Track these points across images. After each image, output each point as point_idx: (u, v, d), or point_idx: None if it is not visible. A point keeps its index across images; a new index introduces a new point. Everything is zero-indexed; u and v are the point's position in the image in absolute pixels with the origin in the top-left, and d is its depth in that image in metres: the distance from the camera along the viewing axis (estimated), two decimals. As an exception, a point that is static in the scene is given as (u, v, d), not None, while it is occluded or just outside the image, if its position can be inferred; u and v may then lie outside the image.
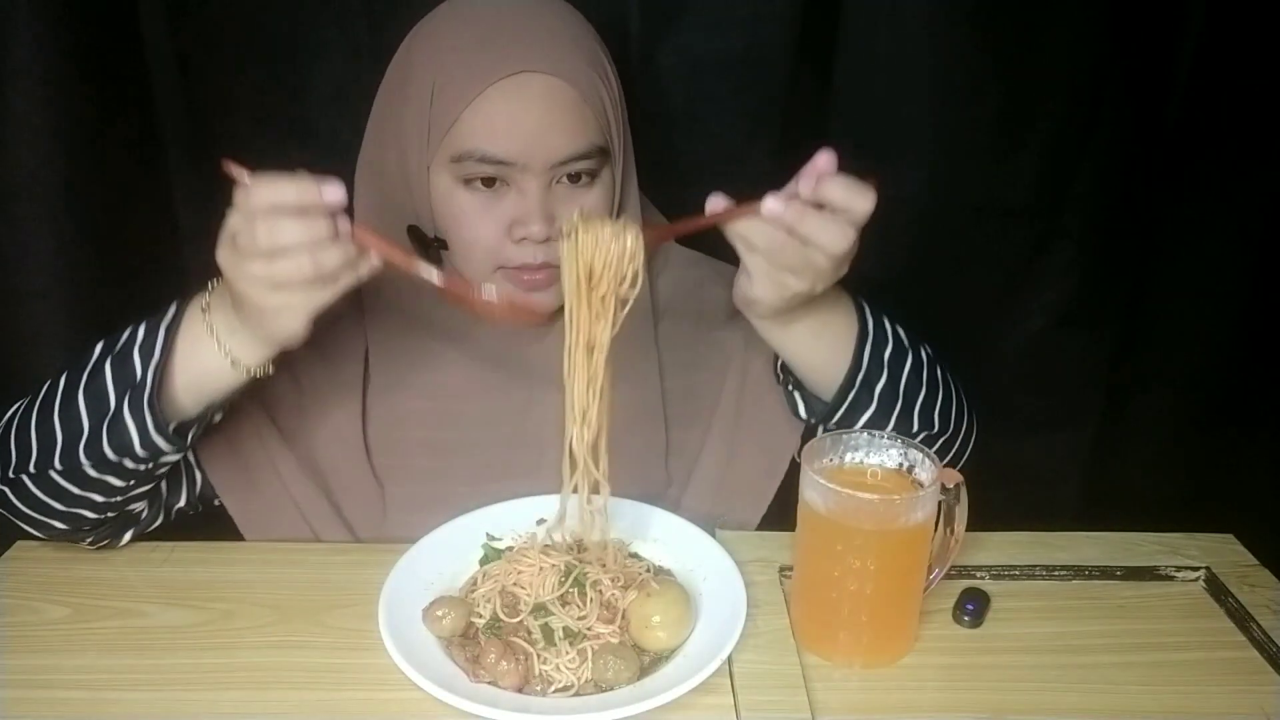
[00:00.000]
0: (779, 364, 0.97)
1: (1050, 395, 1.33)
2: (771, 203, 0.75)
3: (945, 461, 0.95)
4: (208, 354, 0.79)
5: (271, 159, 1.17)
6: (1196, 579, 0.90)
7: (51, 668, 0.78)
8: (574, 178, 0.89)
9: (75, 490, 0.84)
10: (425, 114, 0.88)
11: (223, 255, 0.74)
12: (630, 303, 0.78)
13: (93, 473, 0.82)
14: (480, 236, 0.89)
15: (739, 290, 0.83)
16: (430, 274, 0.77)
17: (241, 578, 0.88)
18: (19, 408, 0.87)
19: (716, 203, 0.78)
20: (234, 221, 0.73)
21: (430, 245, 0.91)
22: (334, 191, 0.71)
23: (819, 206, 0.76)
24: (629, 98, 0.95)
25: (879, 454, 0.82)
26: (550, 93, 0.86)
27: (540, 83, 0.85)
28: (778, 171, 1.21)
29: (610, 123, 0.90)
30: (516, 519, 0.90)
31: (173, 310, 0.82)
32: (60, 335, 1.11)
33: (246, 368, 0.80)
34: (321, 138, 1.16)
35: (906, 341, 0.92)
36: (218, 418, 0.89)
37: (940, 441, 0.95)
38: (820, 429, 0.94)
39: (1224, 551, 0.93)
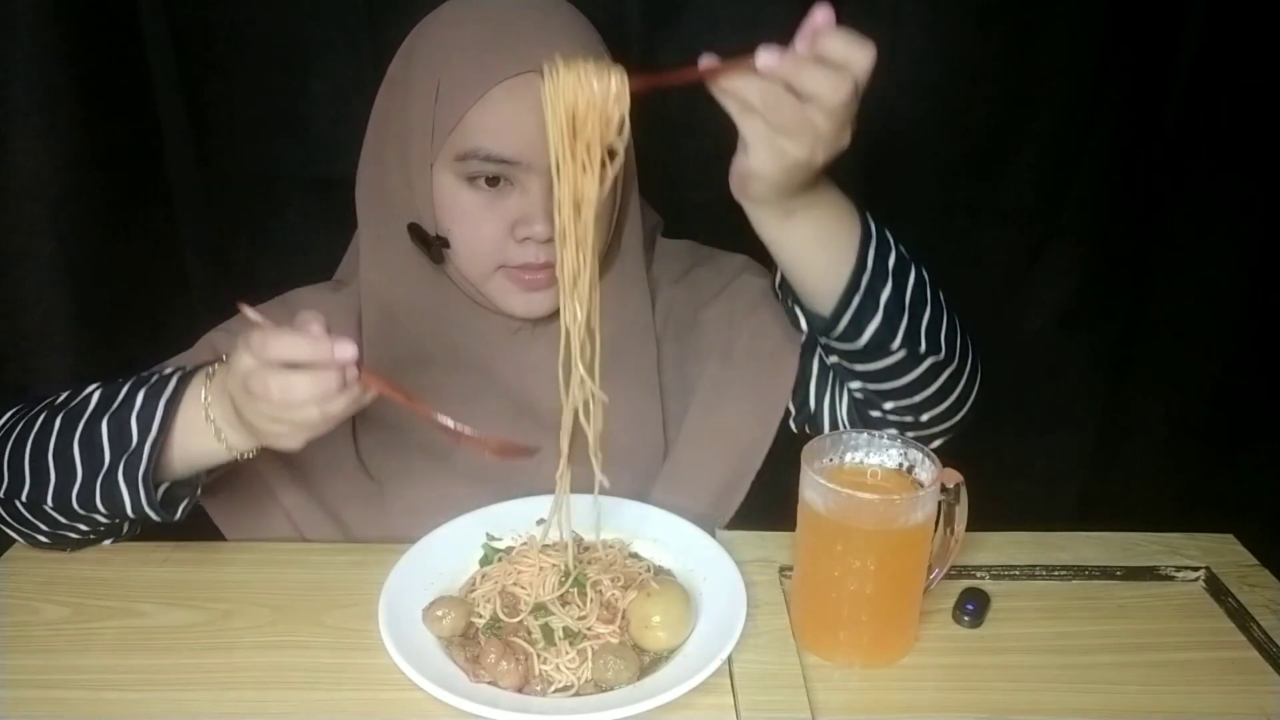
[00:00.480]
0: (778, 278, 0.95)
1: (1050, 395, 1.33)
2: (766, 55, 0.71)
3: (952, 402, 0.95)
4: (204, 438, 0.80)
5: (272, 159, 1.18)
6: (1196, 579, 0.90)
7: (51, 668, 0.78)
8: None
9: (64, 520, 0.85)
10: (429, 112, 0.88)
11: (233, 386, 0.74)
12: (620, 157, 0.73)
13: (83, 511, 0.84)
14: (483, 235, 0.89)
15: (736, 171, 0.79)
16: (442, 419, 0.77)
17: (241, 578, 0.88)
18: (9, 427, 0.87)
19: (710, 59, 0.73)
20: (245, 363, 0.72)
21: (432, 244, 0.92)
22: (345, 350, 0.71)
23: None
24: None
25: (879, 454, 0.82)
26: None
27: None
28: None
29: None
30: (516, 519, 0.90)
31: (172, 385, 0.81)
32: (60, 336, 1.11)
33: (241, 452, 0.80)
34: (321, 138, 1.16)
35: (908, 255, 0.89)
36: (208, 480, 0.88)
37: (947, 374, 0.92)
38: (825, 362, 0.92)
39: (1224, 551, 0.93)
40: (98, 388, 0.85)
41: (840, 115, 0.73)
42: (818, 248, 0.85)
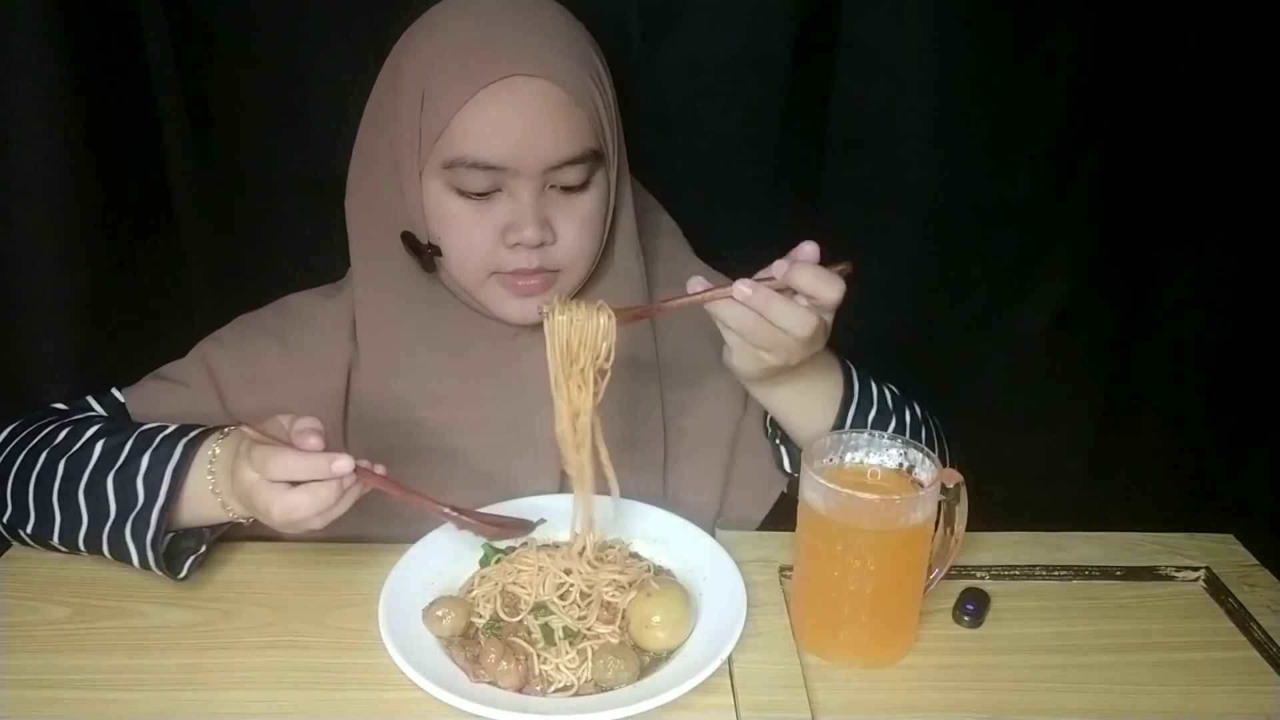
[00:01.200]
0: (768, 418, 0.98)
1: (1050, 395, 1.33)
2: (742, 287, 0.79)
3: None
4: (210, 506, 0.81)
5: (272, 159, 1.18)
6: (1196, 579, 0.90)
7: (51, 668, 0.78)
8: (567, 187, 0.89)
9: (67, 552, 0.88)
10: (416, 120, 0.87)
11: (239, 491, 0.77)
12: (609, 374, 0.82)
13: (88, 552, 0.86)
14: (474, 242, 0.89)
15: (725, 357, 0.86)
16: (443, 508, 0.81)
17: (241, 578, 0.88)
18: (8, 453, 0.88)
19: (696, 284, 0.82)
20: (249, 478, 0.75)
21: (424, 252, 0.91)
22: (342, 465, 0.74)
23: (793, 291, 0.80)
24: (629, 98, 0.95)
25: (879, 454, 0.82)
26: (541, 96, 0.85)
27: (531, 86, 0.85)
28: (777, 171, 1.21)
29: (604, 126, 0.90)
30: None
31: (178, 453, 0.82)
32: (60, 337, 1.11)
33: (245, 518, 0.82)
34: (321, 138, 1.16)
35: (891, 405, 0.96)
36: (211, 538, 0.88)
37: None
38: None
39: (1224, 551, 0.93)
40: (99, 435, 0.86)
41: (810, 339, 0.81)
42: (800, 408, 0.92)
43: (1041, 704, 0.76)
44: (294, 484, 0.73)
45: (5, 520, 0.88)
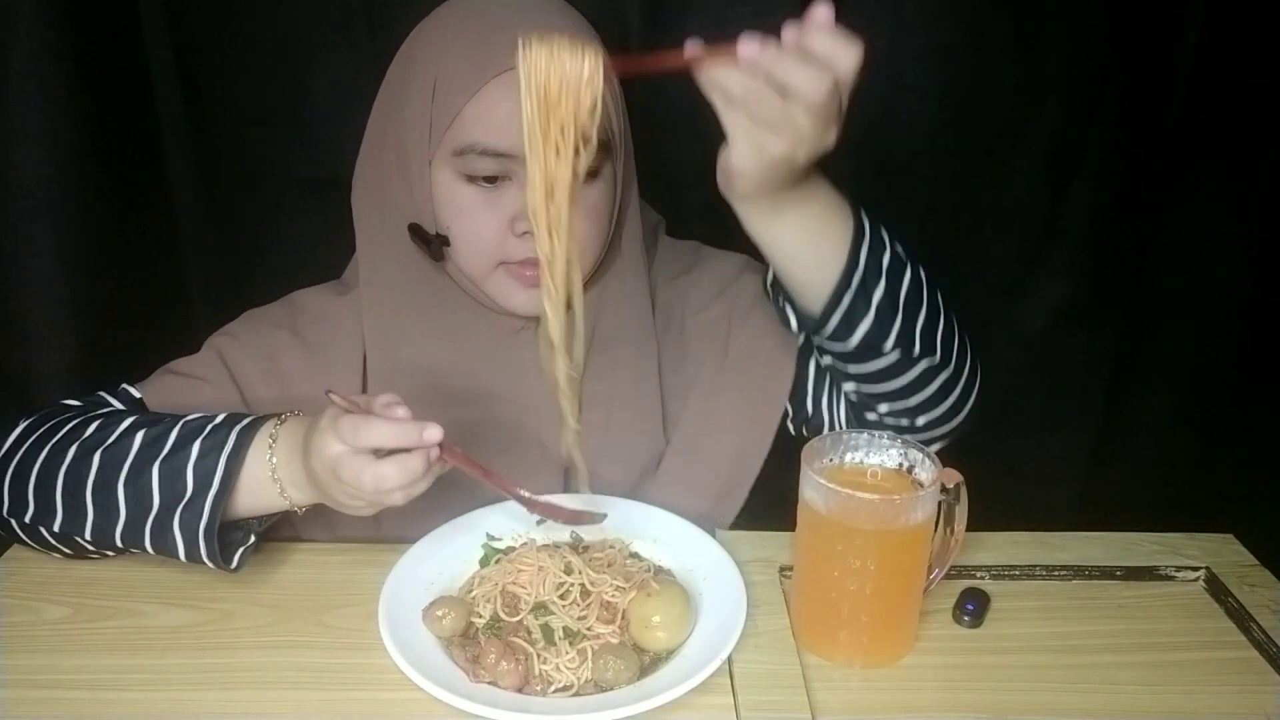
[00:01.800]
0: (770, 276, 0.96)
1: (1050, 395, 1.33)
2: (748, 45, 0.71)
3: (949, 407, 0.94)
4: (267, 495, 0.80)
5: (272, 158, 1.18)
6: (1196, 579, 0.90)
7: (51, 668, 0.78)
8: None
9: (95, 551, 0.86)
10: (427, 110, 0.88)
11: (319, 467, 0.75)
12: (594, 142, 0.74)
13: (124, 547, 0.84)
14: (482, 231, 0.89)
15: (722, 166, 0.78)
16: (520, 492, 0.82)
17: (241, 578, 0.88)
18: (27, 449, 0.86)
19: (694, 46, 0.72)
20: (334, 449, 0.73)
21: (432, 242, 0.91)
22: (433, 433, 0.72)
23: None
24: (629, 98, 0.95)
25: (879, 454, 0.82)
26: None
27: None
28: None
29: (611, 118, 0.90)
30: (516, 519, 0.90)
31: (233, 439, 0.80)
32: (60, 335, 1.11)
33: (301, 507, 0.82)
34: (321, 137, 1.16)
35: (904, 255, 0.88)
36: (260, 529, 0.86)
37: (942, 378, 0.92)
38: (816, 358, 0.93)
39: (1224, 551, 0.93)
40: (137, 425, 0.84)
41: (822, 113, 0.72)
42: (806, 244, 0.84)
43: (1041, 704, 0.76)
44: (380, 457, 0.72)
45: (27, 519, 0.85)
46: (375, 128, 0.95)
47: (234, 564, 0.83)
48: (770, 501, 0.98)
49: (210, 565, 0.81)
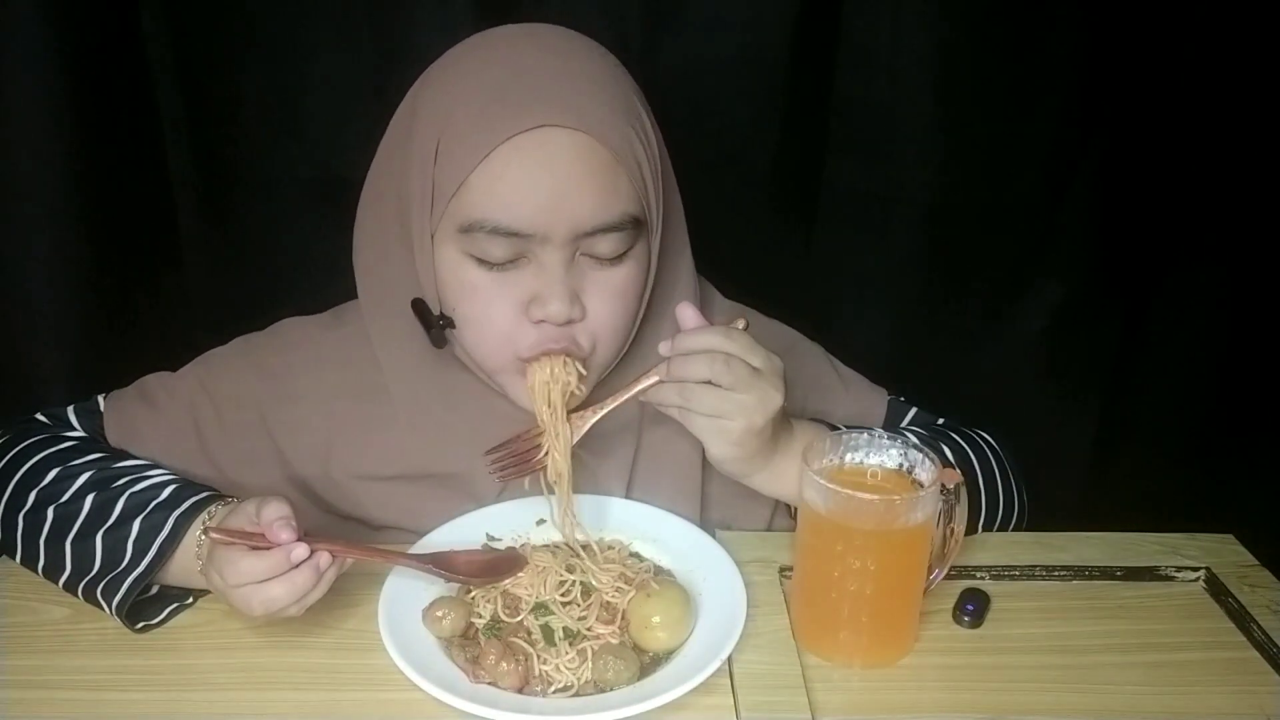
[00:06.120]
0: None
1: (1049, 396, 1.33)
2: (658, 370, 0.79)
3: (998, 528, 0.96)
4: (196, 578, 0.79)
5: (272, 159, 1.18)
6: (1196, 579, 0.90)
7: (51, 668, 0.78)
8: (601, 258, 0.79)
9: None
10: (429, 175, 0.77)
11: (217, 587, 0.75)
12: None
13: (65, 591, 0.84)
14: (492, 316, 0.79)
15: (708, 458, 0.83)
16: (421, 565, 0.81)
17: (241, 578, 0.88)
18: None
19: (649, 376, 0.80)
20: (219, 585, 0.74)
21: (435, 324, 0.82)
22: (299, 554, 0.71)
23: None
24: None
25: (879, 454, 0.82)
26: (575, 151, 0.75)
27: (563, 139, 0.75)
28: (778, 171, 1.21)
29: (647, 187, 0.80)
30: (516, 519, 0.90)
31: (169, 526, 0.79)
32: (59, 335, 1.11)
33: None
34: (321, 138, 1.16)
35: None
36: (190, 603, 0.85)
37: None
38: None
39: (1224, 551, 0.93)
40: (88, 487, 0.83)
41: (748, 385, 0.76)
42: (785, 483, 0.85)
43: (1041, 704, 0.76)
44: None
45: None
46: (372, 185, 0.86)
47: (157, 619, 0.81)
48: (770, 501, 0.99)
49: (126, 627, 0.81)
